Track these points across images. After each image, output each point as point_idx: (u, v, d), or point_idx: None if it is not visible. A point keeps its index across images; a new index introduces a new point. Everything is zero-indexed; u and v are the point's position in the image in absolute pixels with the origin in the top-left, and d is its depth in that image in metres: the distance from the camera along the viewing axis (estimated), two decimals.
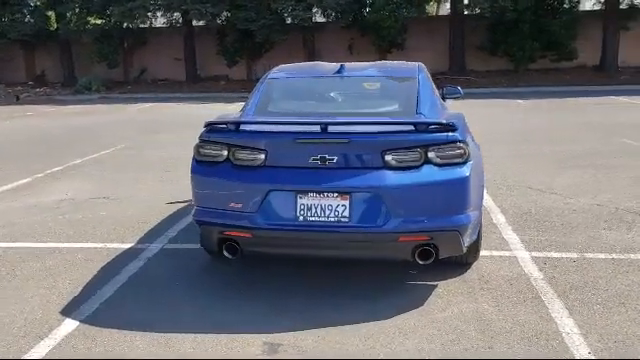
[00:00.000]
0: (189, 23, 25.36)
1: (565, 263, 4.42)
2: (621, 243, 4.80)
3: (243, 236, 3.74)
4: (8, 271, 4.57)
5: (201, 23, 25.09)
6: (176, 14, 24.68)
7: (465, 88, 6.44)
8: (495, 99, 17.73)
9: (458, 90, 6.04)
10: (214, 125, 3.91)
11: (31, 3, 26.42)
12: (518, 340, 3.31)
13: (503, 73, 24.02)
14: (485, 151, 4.70)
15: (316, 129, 3.62)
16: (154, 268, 4.56)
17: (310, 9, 23.02)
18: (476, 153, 3.96)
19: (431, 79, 4.78)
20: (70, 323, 3.65)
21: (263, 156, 3.71)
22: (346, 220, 3.59)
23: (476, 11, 23.56)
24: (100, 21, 24.63)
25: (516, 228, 5.24)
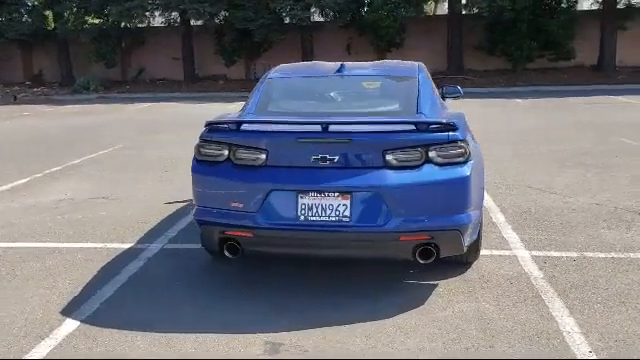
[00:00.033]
0: (187, 23, 25.34)
1: (565, 262, 4.43)
2: (620, 242, 4.81)
3: (244, 236, 3.75)
4: (8, 271, 4.56)
5: (199, 23, 25.08)
6: (174, 14, 24.67)
7: (463, 87, 6.43)
8: (493, 98, 17.75)
9: (458, 89, 6.05)
10: (215, 125, 3.90)
11: (29, 3, 26.35)
12: (519, 339, 3.31)
13: (501, 73, 24.04)
14: (484, 150, 4.70)
15: (317, 129, 3.62)
16: (154, 268, 4.56)
17: (308, 9, 23.02)
18: (476, 153, 3.97)
19: (431, 78, 4.78)
20: (71, 323, 3.65)
21: (264, 156, 3.71)
22: (347, 220, 3.59)
23: (474, 11, 23.58)
24: (98, 21, 24.59)
25: (516, 227, 5.25)
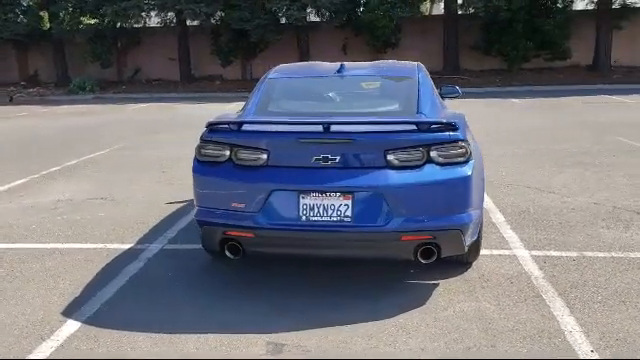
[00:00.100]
0: (183, 23, 25.29)
1: (565, 262, 4.44)
2: (619, 241, 4.83)
3: (245, 236, 3.75)
4: (7, 272, 4.55)
5: (195, 23, 25.01)
6: (170, 14, 24.61)
7: (459, 87, 6.42)
8: (489, 98, 17.79)
9: (456, 90, 6.06)
10: (216, 125, 3.90)
11: (24, 3, 26.23)
12: (521, 339, 3.32)
13: (497, 72, 24.10)
14: (482, 150, 4.70)
15: (319, 129, 3.62)
16: (154, 268, 4.55)
17: (304, 9, 23.01)
18: (477, 153, 3.98)
19: (430, 78, 4.79)
20: (72, 324, 3.64)
21: (265, 156, 3.71)
22: (349, 220, 3.60)
23: (470, 11, 23.60)
24: (93, 21, 24.48)
25: (515, 227, 5.26)
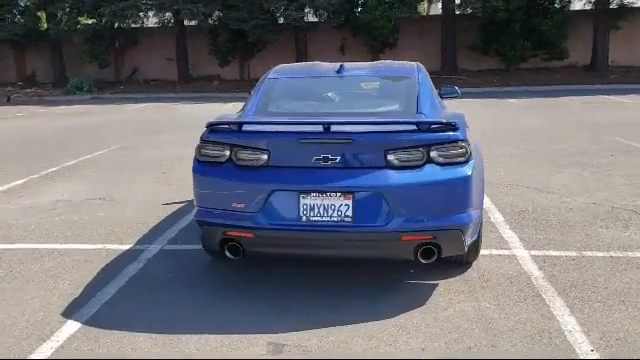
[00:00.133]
0: (181, 23, 25.29)
1: (564, 261, 4.45)
2: (618, 241, 4.84)
3: (245, 236, 3.75)
4: (7, 273, 4.54)
5: (193, 23, 25.03)
6: (168, 14, 24.61)
7: (458, 88, 6.43)
8: (487, 98, 17.81)
9: (455, 90, 6.06)
10: (216, 125, 3.90)
11: (21, 3, 26.24)
12: (521, 338, 3.33)
13: (495, 72, 24.14)
14: (481, 150, 4.71)
15: (319, 129, 3.62)
16: (154, 269, 4.54)
17: (302, 9, 23.03)
18: (477, 153, 3.98)
19: (430, 78, 4.80)
20: (72, 325, 3.63)
21: (266, 156, 3.71)
22: (349, 220, 3.60)
23: (468, 11, 23.66)
24: (91, 21, 24.46)
25: (514, 227, 5.27)
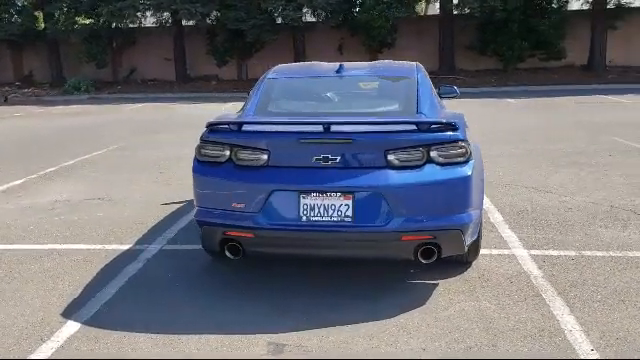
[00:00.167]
0: (179, 23, 25.25)
1: (563, 261, 4.46)
2: (617, 241, 4.85)
3: (245, 236, 3.74)
4: (6, 273, 4.53)
5: (191, 23, 25.01)
6: (166, 14, 24.58)
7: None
8: (485, 98, 17.83)
9: (454, 89, 6.07)
10: (216, 125, 3.90)
11: (19, 3, 26.18)
12: (521, 338, 3.33)
13: (492, 72, 24.17)
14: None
15: (319, 129, 3.62)
16: (154, 269, 4.54)
17: (300, 9, 23.02)
18: (476, 153, 3.99)
19: (429, 78, 4.80)
20: (72, 325, 3.63)
21: (266, 156, 3.71)
22: (349, 220, 3.60)
23: (465, 11, 23.67)
24: (89, 21, 24.41)
25: (513, 226, 5.28)
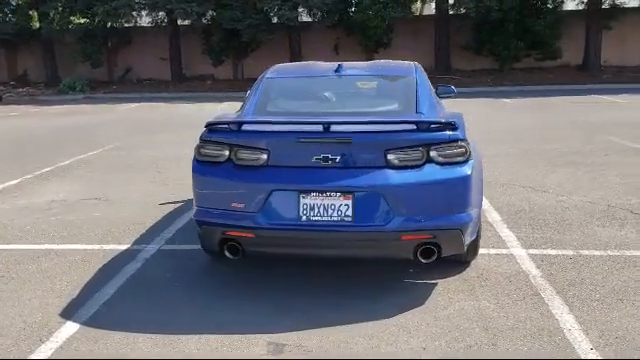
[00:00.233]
0: (174, 22, 25.22)
1: (562, 260, 4.47)
2: (615, 240, 4.86)
3: (245, 236, 3.74)
4: (3, 273, 4.50)
5: (186, 22, 24.95)
6: (161, 13, 24.54)
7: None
8: (481, 98, 17.85)
9: (451, 89, 6.08)
10: (215, 125, 3.89)
11: (13, 2, 26.04)
12: (521, 337, 3.34)
13: (488, 72, 24.22)
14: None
15: (319, 129, 3.62)
16: (152, 269, 4.53)
17: (296, 8, 23.03)
18: (475, 152, 3.99)
19: (427, 78, 4.80)
20: (71, 325, 3.61)
21: (265, 156, 3.70)
22: (349, 219, 3.60)
23: (461, 11, 23.72)
24: (84, 20, 24.35)
25: (511, 226, 5.29)
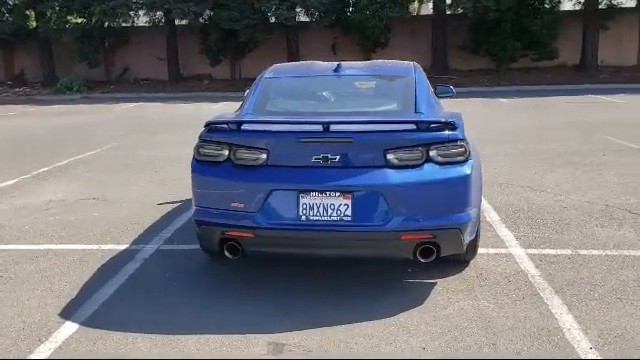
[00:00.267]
0: (172, 22, 25.15)
1: (560, 260, 4.48)
2: (613, 239, 4.87)
3: (245, 236, 3.74)
4: (2, 273, 4.49)
5: (184, 22, 24.90)
6: (159, 13, 24.44)
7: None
8: (478, 98, 17.86)
9: (450, 89, 6.08)
10: (214, 125, 3.88)
11: (10, 1, 25.95)
12: (521, 337, 3.34)
13: (485, 72, 24.23)
14: None
15: (318, 128, 3.62)
16: (151, 269, 4.52)
17: (294, 8, 22.99)
18: (475, 152, 3.99)
19: (426, 78, 4.80)
20: (70, 325, 3.61)
21: (265, 155, 3.70)
22: (348, 219, 3.60)
23: (458, 11, 23.73)
24: (81, 20, 24.26)
25: (510, 226, 5.30)
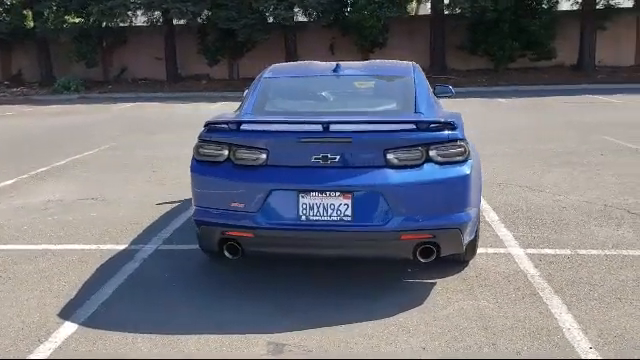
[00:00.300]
0: (170, 22, 25.10)
1: (560, 260, 4.48)
2: (612, 239, 4.88)
3: (244, 236, 3.74)
4: (0, 274, 4.48)
5: (182, 22, 24.87)
6: (157, 13, 24.40)
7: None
8: (476, 98, 17.86)
9: (449, 89, 6.09)
10: (214, 125, 3.88)
11: (7, 1, 25.89)
12: (520, 336, 3.34)
13: (483, 72, 24.24)
14: None
15: (318, 128, 3.61)
16: (150, 269, 4.52)
17: (292, 8, 22.99)
18: (474, 152, 4.00)
19: (425, 78, 4.80)
20: (69, 326, 3.60)
21: (265, 155, 3.70)
22: (348, 219, 3.60)
23: (456, 11, 23.72)
24: (78, 20, 24.19)
25: (509, 225, 5.30)
